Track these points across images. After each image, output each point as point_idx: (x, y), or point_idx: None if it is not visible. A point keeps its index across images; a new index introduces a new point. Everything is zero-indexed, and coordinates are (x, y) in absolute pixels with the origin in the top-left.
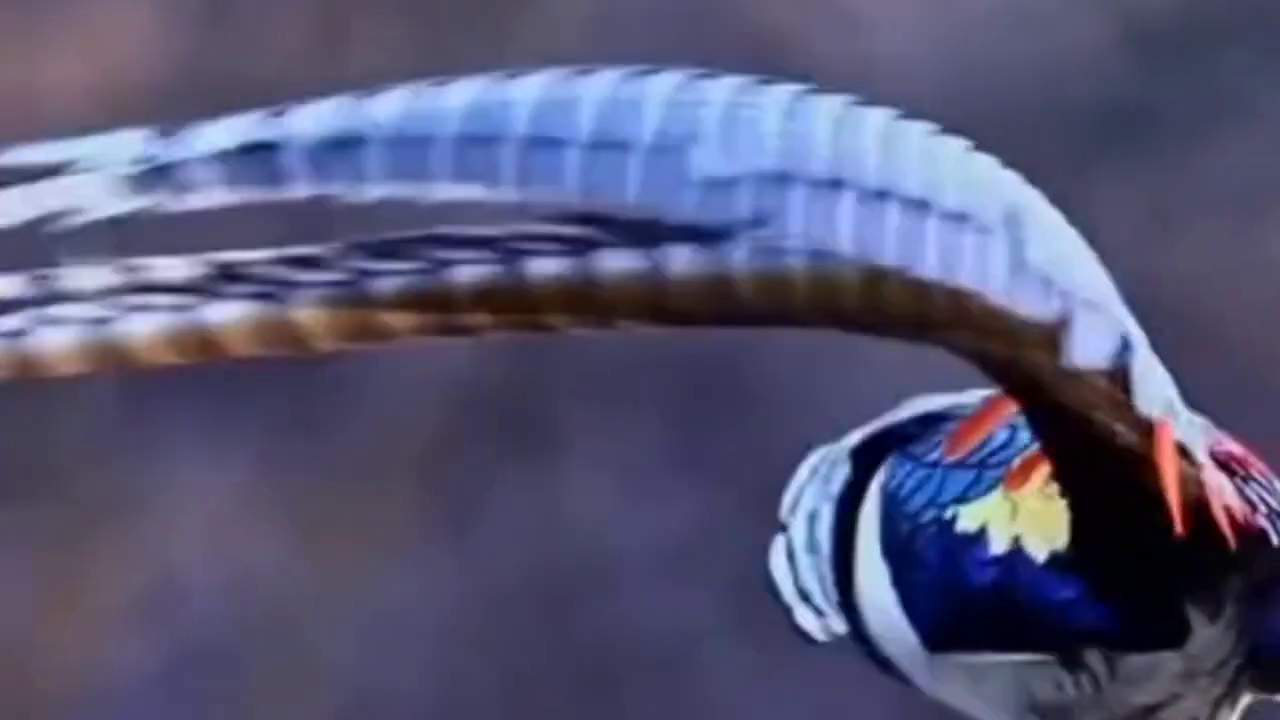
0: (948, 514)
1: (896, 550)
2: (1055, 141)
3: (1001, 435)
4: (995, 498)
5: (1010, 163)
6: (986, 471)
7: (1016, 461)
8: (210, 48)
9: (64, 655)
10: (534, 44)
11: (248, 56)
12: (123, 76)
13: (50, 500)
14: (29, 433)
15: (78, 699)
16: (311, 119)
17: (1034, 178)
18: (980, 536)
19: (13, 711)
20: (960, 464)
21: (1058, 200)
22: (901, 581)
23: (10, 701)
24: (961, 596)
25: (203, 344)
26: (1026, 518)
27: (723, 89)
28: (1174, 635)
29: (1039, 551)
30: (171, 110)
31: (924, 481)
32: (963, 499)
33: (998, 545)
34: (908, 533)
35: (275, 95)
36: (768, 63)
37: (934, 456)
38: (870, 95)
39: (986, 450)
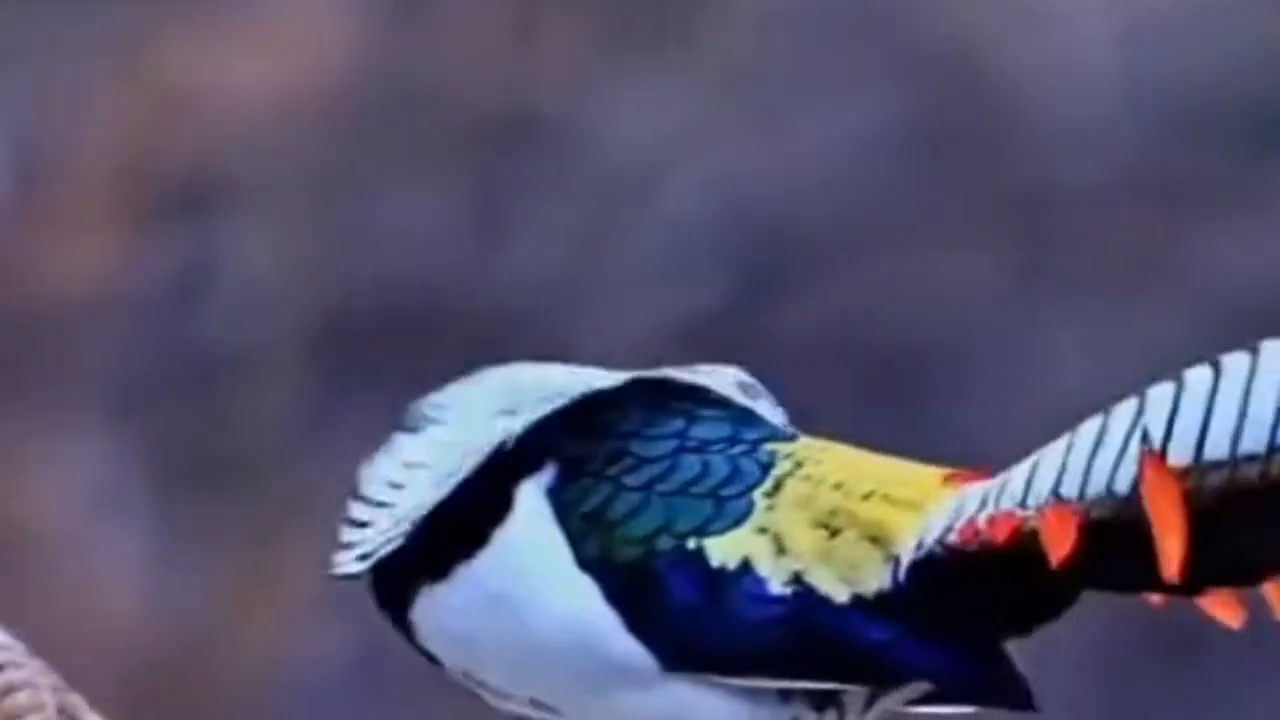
0: (691, 544)
1: (613, 570)
2: (1245, 139)
3: (696, 465)
4: (746, 532)
5: (1198, 155)
6: (726, 504)
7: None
8: (396, 48)
9: (256, 649)
10: (716, 42)
11: (434, 57)
12: (306, 77)
13: (244, 494)
14: (223, 426)
15: (270, 693)
16: None
17: (1222, 175)
18: (747, 571)
19: (206, 705)
20: (682, 493)
21: (1246, 201)
22: (626, 601)
23: (203, 695)
24: (738, 628)
25: None
26: (815, 557)
27: None
28: (1006, 688)
29: (837, 592)
30: (357, 112)
31: (642, 506)
32: (704, 531)
33: (776, 584)
34: (638, 556)
35: (462, 97)
36: (953, 62)
37: (636, 480)
38: (1061, 91)
39: (711, 481)
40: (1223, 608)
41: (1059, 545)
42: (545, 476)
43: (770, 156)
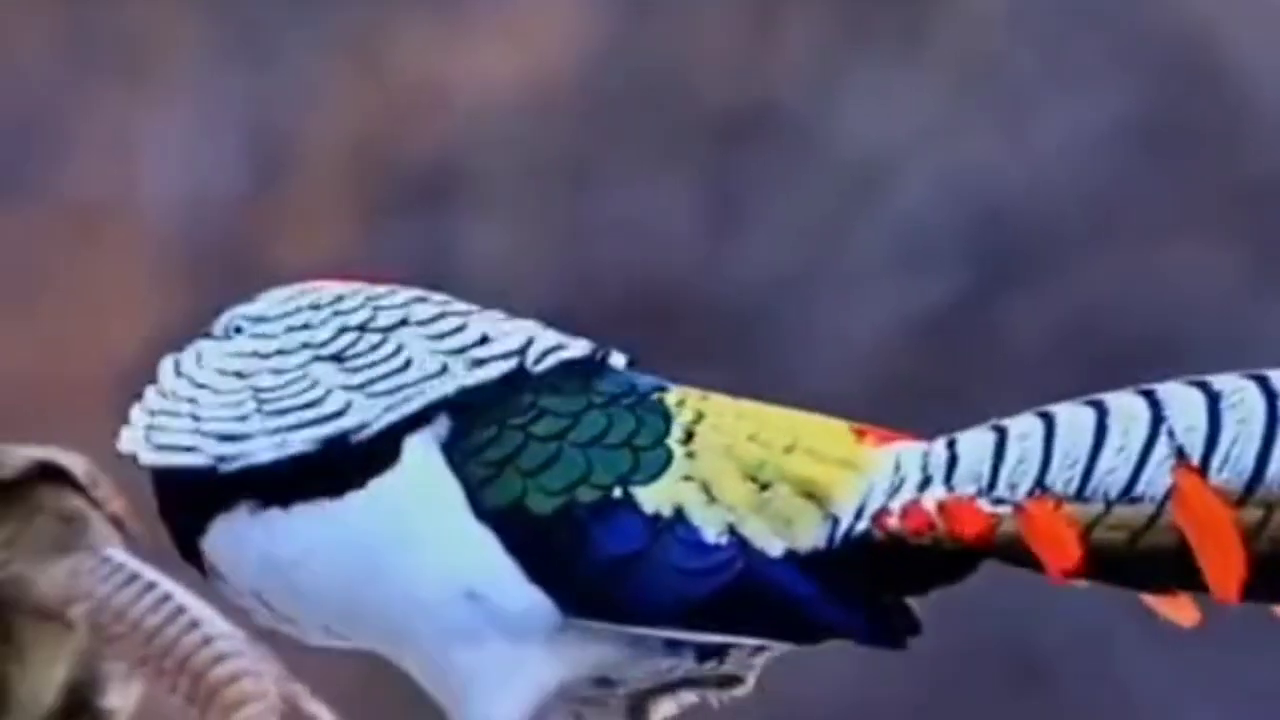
0: (617, 493)
1: (523, 520)
2: None
3: (601, 419)
4: (671, 481)
5: None
6: (642, 454)
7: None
8: (635, 41)
9: None
10: (954, 38)
11: (673, 50)
12: (544, 70)
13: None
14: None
15: None
16: None
17: None
18: (680, 520)
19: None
20: (596, 444)
21: None
22: (533, 550)
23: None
24: (670, 577)
25: None
26: (749, 508)
27: None
28: (902, 634)
29: (771, 546)
30: (594, 105)
31: (557, 457)
32: (628, 481)
33: (710, 533)
34: (558, 507)
35: (700, 90)
36: (1189, 58)
37: (544, 430)
38: None
39: (621, 432)
40: (1184, 609)
41: (1059, 556)
42: (438, 429)
43: (1006, 151)
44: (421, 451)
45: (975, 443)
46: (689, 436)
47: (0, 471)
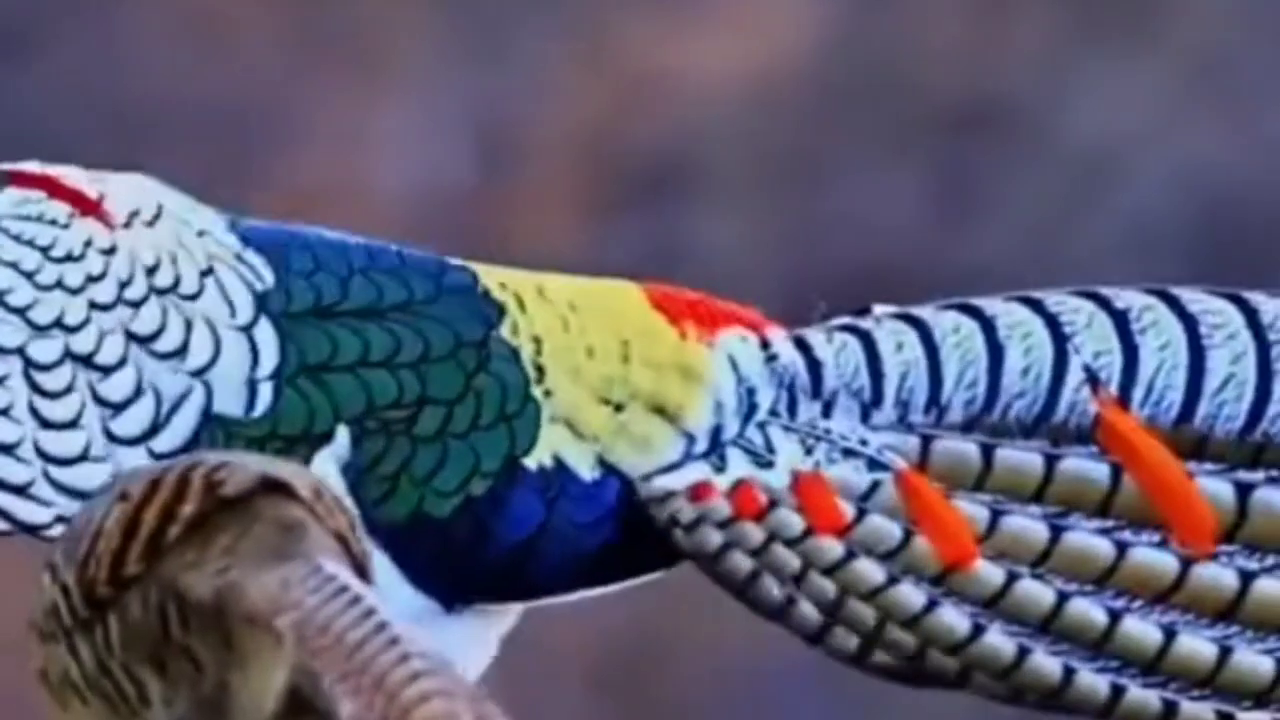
0: (504, 476)
1: (416, 529)
2: None
3: (471, 401)
4: (543, 432)
5: None
6: (516, 422)
7: None
8: (863, 32)
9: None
10: (1185, 32)
11: (901, 42)
12: (771, 62)
13: None
14: None
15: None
16: None
17: None
18: (562, 469)
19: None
20: (474, 429)
21: None
22: (422, 557)
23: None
24: (561, 540)
25: None
26: (610, 435)
27: None
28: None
29: (635, 469)
30: (821, 97)
31: (444, 457)
32: (514, 455)
33: (585, 472)
34: (455, 507)
35: (927, 83)
36: None
37: (427, 429)
38: None
39: (492, 406)
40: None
41: (950, 546)
42: (339, 447)
43: (1235, 143)
44: (323, 471)
45: (831, 350)
46: (540, 373)
47: (223, 489)
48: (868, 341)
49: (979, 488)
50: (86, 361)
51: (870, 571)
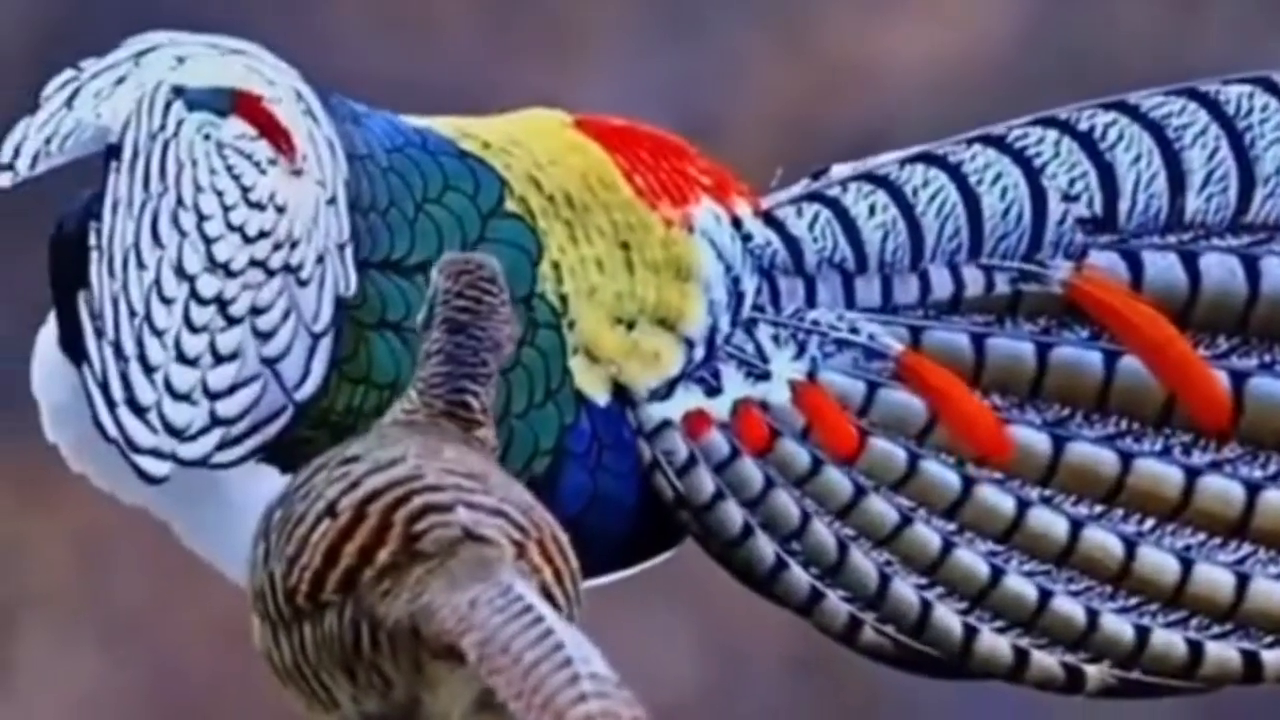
0: (556, 454)
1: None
2: None
3: (522, 373)
4: (573, 363)
5: None
6: (559, 394)
7: None
8: (1060, 19)
9: None
10: None
11: (1096, 28)
12: (964, 47)
13: None
14: None
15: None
16: None
17: None
18: (585, 403)
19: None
20: (531, 408)
21: None
22: None
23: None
24: (609, 508)
25: None
26: (624, 355)
27: None
28: None
29: (640, 385)
30: (1017, 83)
31: (510, 440)
32: (562, 432)
33: (600, 396)
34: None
35: (1122, 69)
36: None
37: (496, 411)
38: None
39: (538, 379)
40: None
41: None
42: None
43: None
44: None
45: (799, 220)
46: (564, 304)
47: (422, 544)
48: (839, 209)
49: (975, 382)
50: (222, 307)
51: (883, 512)
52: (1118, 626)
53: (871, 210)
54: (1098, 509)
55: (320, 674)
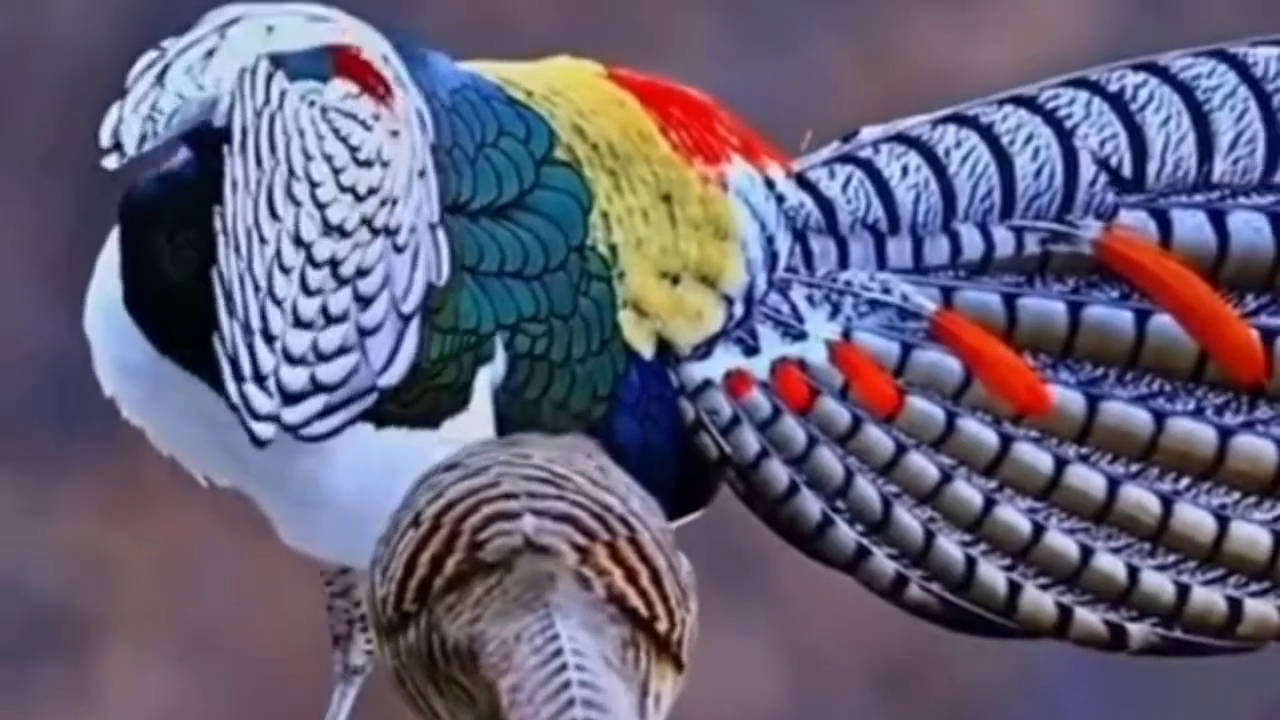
0: (609, 401)
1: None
2: None
3: (579, 323)
4: (621, 317)
5: None
6: (611, 345)
7: None
8: (1144, 31)
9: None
10: None
11: (1178, 40)
12: (1048, 57)
13: None
14: None
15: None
16: None
17: None
18: (633, 357)
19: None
20: (587, 355)
21: None
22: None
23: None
24: (657, 455)
25: None
26: (670, 311)
27: None
28: None
29: (683, 342)
30: None
31: (574, 382)
32: (615, 381)
33: (647, 352)
34: (583, 429)
35: None
36: None
37: (559, 354)
38: None
39: (593, 329)
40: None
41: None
42: (498, 367)
43: None
44: (482, 396)
45: (832, 182)
46: (614, 255)
47: (483, 553)
48: (871, 170)
49: (1008, 342)
50: (334, 268)
51: (925, 469)
52: (1158, 583)
53: (904, 171)
54: (1134, 468)
55: (417, 683)
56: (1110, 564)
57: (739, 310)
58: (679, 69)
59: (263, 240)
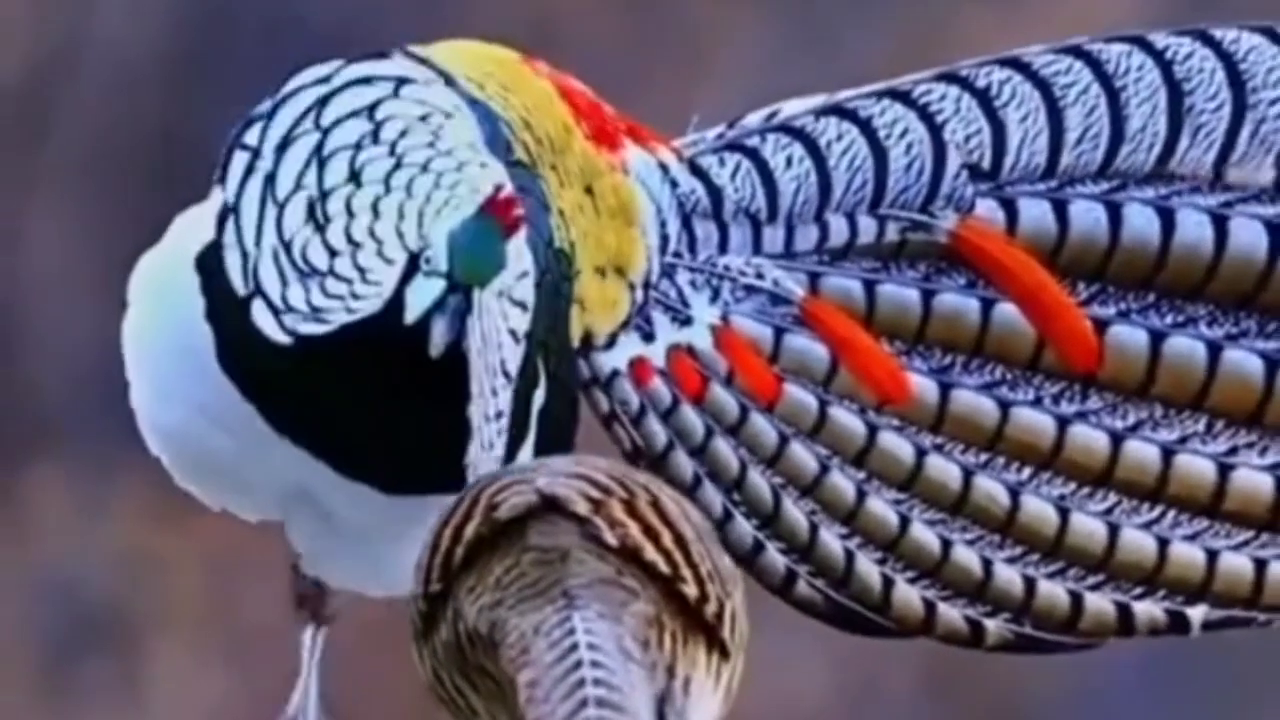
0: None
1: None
2: None
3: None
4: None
5: None
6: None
7: None
8: (1188, 25)
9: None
10: None
11: None
12: None
13: None
14: None
15: (1065, 684)
16: None
17: None
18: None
19: (1002, 696)
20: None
21: None
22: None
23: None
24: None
25: None
26: (600, 306)
27: None
28: None
29: (600, 333)
30: None
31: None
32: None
33: (576, 340)
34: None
35: None
36: None
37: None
38: None
39: (563, 299)
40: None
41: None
42: (540, 389)
43: None
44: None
45: (720, 170)
46: (572, 251)
47: (498, 512)
48: (758, 159)
49: (867, 327)
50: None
51: (805, 459)
52: (1009, 577)
53: (789, 162)
54: (983, 457)
55: (454, 680)
56: (967, 557)
57: (639, 297)
58: (726, 67)
59: (484, 445)
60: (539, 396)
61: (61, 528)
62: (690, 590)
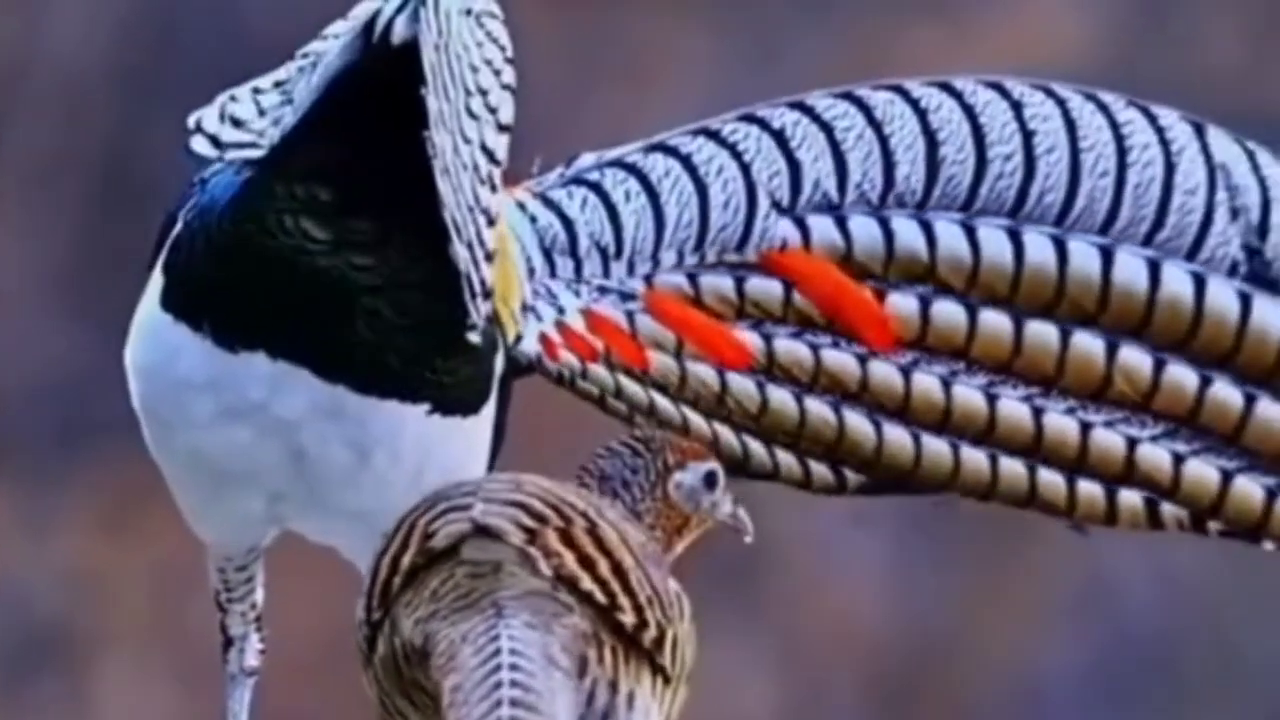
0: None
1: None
2: None
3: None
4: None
5: None
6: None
7: None
8: (1136, 49)
9: (995, 653)
10: None
11: (1173, 59)
12: (1050, 72)
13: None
14: None
15: (1009, 695)
16: None
17: None
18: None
19: (947, 706)
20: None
21: None
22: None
23: (945, 697)
24: None
25: None
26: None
27: None
28: None
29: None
30: None
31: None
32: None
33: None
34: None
35: (1199, 99)
36: None
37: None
38: None
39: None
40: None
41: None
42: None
43: None
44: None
45: (585, 214)
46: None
47: (433, 541)
48: (601, 192)
49: (697, 308)
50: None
51: (674, 414)
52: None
53: (627, 196)
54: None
55: (395, 700)
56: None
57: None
58: (672, 86)
59: (464, 166)
60: (499, 363)
61: (6, 543)
62: (628, 619)
